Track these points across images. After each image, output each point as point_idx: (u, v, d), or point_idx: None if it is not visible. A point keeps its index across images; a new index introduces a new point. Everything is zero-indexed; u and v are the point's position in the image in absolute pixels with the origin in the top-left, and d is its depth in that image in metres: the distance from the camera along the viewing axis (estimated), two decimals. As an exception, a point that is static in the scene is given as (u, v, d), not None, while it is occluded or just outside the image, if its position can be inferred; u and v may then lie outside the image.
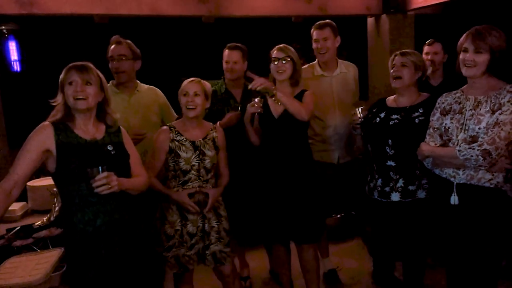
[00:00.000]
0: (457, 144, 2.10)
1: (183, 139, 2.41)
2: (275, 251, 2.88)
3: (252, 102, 2.59)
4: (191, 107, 2.38)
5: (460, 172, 2.11)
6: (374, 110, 2.58)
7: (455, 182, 2.12)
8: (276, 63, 2.56)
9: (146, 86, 2.91)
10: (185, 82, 2.44)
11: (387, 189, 2.47)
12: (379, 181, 2.50)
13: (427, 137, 2.25)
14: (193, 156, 2.39)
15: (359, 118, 2.57)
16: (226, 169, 2.57)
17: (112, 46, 2.74)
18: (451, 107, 2.20)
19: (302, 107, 2.53)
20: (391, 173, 2.45)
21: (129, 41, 2.79)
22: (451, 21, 4.69)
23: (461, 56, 2.11)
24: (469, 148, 2.01)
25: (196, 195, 2.41)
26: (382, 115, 2.50)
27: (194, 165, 2.39)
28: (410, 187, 2.42)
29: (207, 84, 2.51)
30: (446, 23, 4.64)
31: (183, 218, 2.41)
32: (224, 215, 2.53)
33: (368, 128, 2.55)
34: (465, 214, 2.12)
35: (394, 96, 2.57)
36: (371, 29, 4.54)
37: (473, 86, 2.15)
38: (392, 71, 2.47)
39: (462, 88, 2.23)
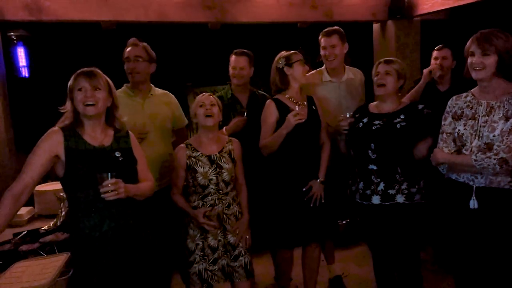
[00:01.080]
0: (471, 151, 2.09)
1: (199, 154, 2.44)
2: (283, 255, 2.86)
3: (294, 112, 2.53)
4: (209, 114, 2.43)
5: (479, 176, 2.10)
6: (357, 116, 2.63)
7: (474, 186, 2.12)
8: None
9: (160, 90, 2.91)
10: (198, 96, 2.51)
11: (368, 192, 2.50)
12: (361, 184, 2.54)
13: (440, 142, 2.25)
14: (210, 170, 2.42)
15: (348, 123, 2.61)
16: (244, 181, 2.61)
17: (129, 48, 2.75)
18: (463, 112, 2.18)
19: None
20: (372, 176, 2.49)
21: (145, 44, 2.79)
22: (458, 27, 4.67)
23: (469, 60, 2.11)
24: (486, 157, 2.01)
25: (215, 208, 2.42)
26: (365, 120, 2.55)
27: (212, 179, 2.42)
28: (390, 191, 2.45)
29: (217, 99, 2.57)
30: (453, 29, 4.62)
31: (203, 231, 2.43)
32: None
33: (351, 132, 2.60)
34: (484, 217, 2.10)
35: (376, 102, 2.63)
36: (376, 34, 4.54)
37: (484, 90, 2.14)
38: (376, 78, 2.52)
39: (472, 90, 2.21)
